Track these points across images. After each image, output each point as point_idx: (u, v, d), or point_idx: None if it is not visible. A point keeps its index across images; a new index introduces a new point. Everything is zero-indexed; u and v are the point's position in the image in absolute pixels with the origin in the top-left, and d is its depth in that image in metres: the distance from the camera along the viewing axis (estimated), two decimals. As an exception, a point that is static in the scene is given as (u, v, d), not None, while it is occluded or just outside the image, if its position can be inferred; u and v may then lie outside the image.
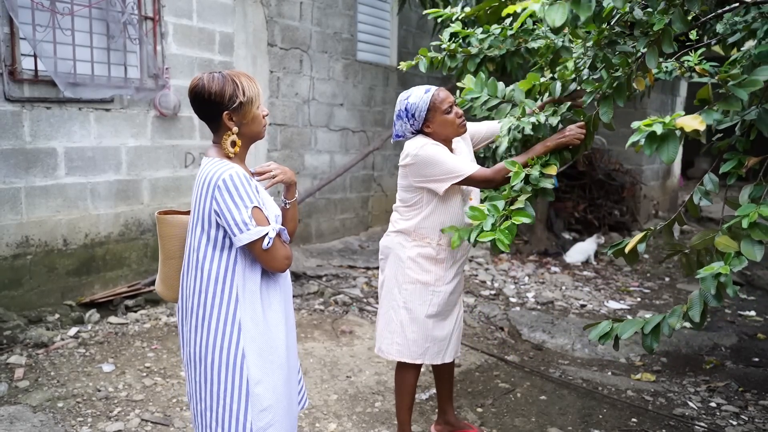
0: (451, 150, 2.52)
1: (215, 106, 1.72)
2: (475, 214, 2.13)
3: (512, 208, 2.17)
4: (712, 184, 2.08)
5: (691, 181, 12.41)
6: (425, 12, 2.93)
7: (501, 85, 2.67)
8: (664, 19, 2.05)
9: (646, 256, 6.77)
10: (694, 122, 1.50)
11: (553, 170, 2.27)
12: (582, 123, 2.34)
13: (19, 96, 3.86)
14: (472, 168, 2.35)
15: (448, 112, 2.41)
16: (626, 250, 2.15)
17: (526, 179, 2.27)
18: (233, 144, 1.76)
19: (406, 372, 2.64)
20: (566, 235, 7.08)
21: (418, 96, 2.42)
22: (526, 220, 2.12)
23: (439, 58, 2.88)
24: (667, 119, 1.51)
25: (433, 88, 2.45)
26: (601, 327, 2.09)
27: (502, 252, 2.12)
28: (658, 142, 1.53)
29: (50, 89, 3.99)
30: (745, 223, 1.76)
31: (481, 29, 2.80)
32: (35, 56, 3.87)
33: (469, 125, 2.61)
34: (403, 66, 2.93)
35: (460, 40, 2.89)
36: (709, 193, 2.09)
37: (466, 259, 2.63)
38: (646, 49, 2.08)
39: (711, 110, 1.78)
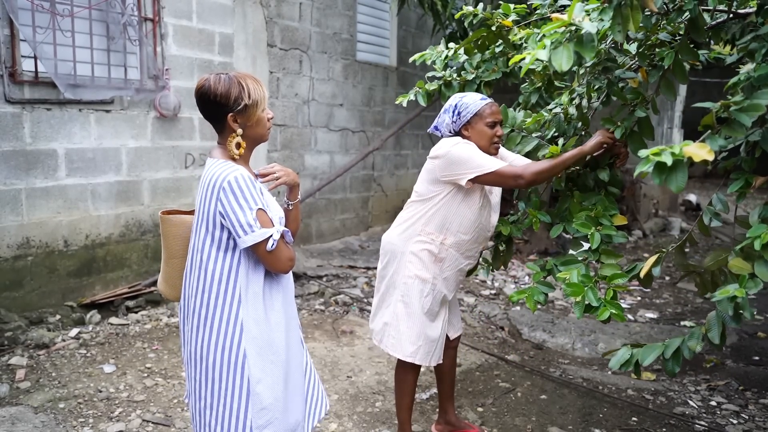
0: None
1: (220, 108, 1.73)
2: (572, 290, 2.12)
3: (604, 274, 2.18)
4: (721, 204, 2.08)
5: (690, 180, 12.41)
6: (411, 59, 2.95)
7: (510, 111, 2.68)
8: (672, 53, 2.06)
9: (645, 255, 6.77)
10: (701, 152, 1.48)
11: (622, 221, 2.32)
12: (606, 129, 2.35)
13: (20, 97, 3.86)
14: (498, 164, 2.35)
15: (490, 126, 2.44)
16: (641, 275, 2.14)
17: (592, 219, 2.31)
18: (238, 146, 1.77)
19: (406, 371, 2.64)
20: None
21: (473, 99, 2.47)
22: (623, 281, 2.13)
23: (436, 87, 2.89)
24: (676, 149, 1.50)
25: (489, 99, 2.49)
26: (621, 354, 2.07)
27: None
28: (667, 173, 1.53)
29: (50, 91, 4.00)
30: (757, 245, 1.75)
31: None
32: (35, 58, 3.88)
33: (503, 151, 2.62)
34: (401, 99, 2.94)
35: (454, 67, 2.91)
36: (719, 213, 2.09)
37: (466, 267, 2.61)
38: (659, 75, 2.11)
39: (715, 136, 1.78)
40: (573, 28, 1.80)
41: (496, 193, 2.63)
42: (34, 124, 3.96)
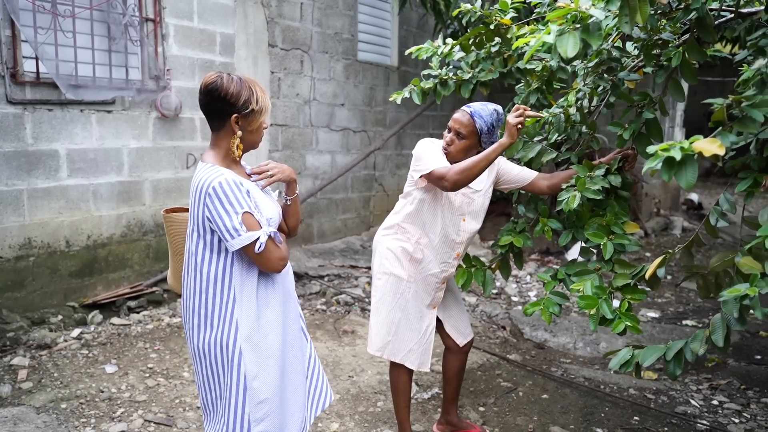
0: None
1: (228, 107, 1.76)
2: (587, 302, 2.10)
3: (618, 285, 2.16)
4: (728, 205, 2.05)
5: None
6: (407, 51, 2.93)
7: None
8: (680, 53, 2.05)
9: (647, 254, 6.77)
10: (712, 146, 1.43)
11: (634, 228, 2.29)
12: (517, 106, 2.26)
13: (21, 98, 3.87)
14: (436, 165, 2.35)
15: (447, 130, 2.49)
16: (647, 276, 2.12)
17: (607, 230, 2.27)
18: (237, 147, 1.80)
19: (398, 371, 2.66)
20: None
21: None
22: (640, 298, 2.12)
23: (431, 85, 2.87)
24: (686, 144, 1.45)
25: (465, 109, 2.47)
26: (622, 355, 2.06)
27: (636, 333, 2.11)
28: (677, 168, 1.48)
29: (52, 91, 4.01)
30: None
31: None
32: (37, 58, 3.88)
33: (506, 163, 2.60)
34: (394, 97, 2.93)
35: (452, 66, 2.89)
36: (726, 214, 2.07)
37: (441, 274, 2.58)
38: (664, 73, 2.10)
39: (726, 132, 1.75)
40: (580, 15, 1.78)
41: (477, 201, 2.57)
42: (36, 124, 3.97)
